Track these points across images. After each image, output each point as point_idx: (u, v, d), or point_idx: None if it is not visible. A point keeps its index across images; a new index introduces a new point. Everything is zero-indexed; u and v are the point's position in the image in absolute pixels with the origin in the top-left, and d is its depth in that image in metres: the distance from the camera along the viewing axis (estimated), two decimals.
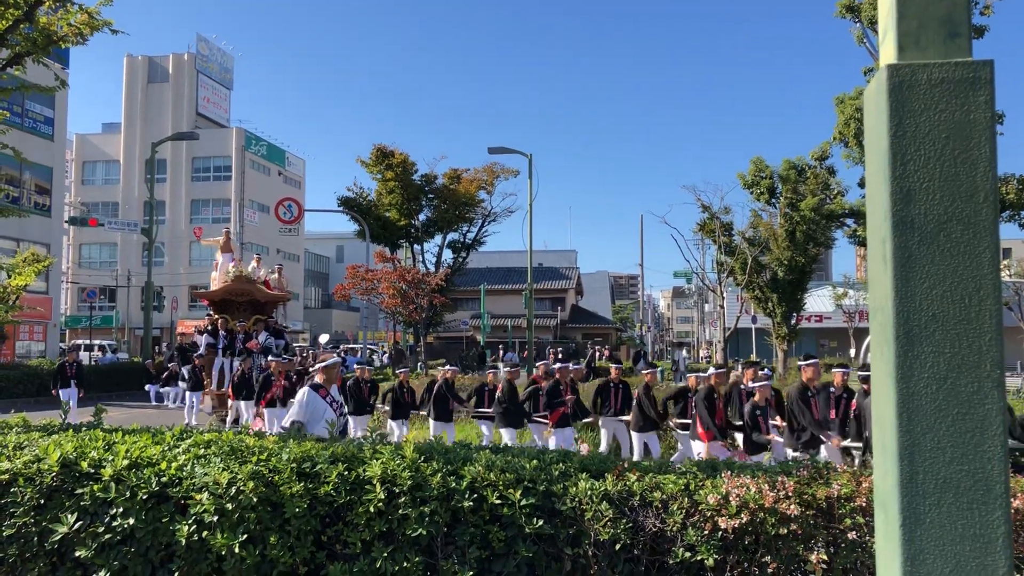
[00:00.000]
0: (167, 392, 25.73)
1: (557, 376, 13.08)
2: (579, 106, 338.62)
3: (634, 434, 12.50)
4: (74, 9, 7.75)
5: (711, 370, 11.37)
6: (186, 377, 21.26)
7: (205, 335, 19.32)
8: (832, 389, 10.23)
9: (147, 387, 27.36)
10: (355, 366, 16.10)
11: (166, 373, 25.84)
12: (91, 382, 26.05)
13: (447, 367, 16.14)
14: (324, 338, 34.55)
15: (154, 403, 26.16)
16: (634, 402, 12.58)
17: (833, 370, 10.84)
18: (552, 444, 11.69)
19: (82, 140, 64.25)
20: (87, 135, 65.29)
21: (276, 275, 21.29)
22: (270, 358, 16.20)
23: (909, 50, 2.51)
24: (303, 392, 7.58)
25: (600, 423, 13.36)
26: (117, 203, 62.33)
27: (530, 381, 14.33)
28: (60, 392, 18.85)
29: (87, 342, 46.48)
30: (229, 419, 17.47)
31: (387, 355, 35.32)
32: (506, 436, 13.02)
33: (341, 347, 42.04)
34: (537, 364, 15.51)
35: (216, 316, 19.61)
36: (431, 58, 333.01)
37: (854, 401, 10.04)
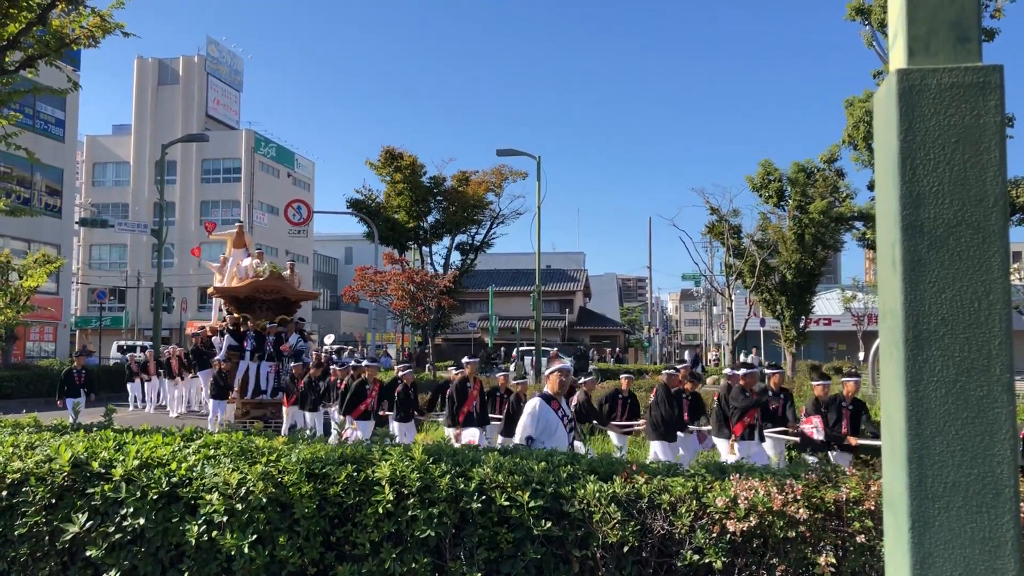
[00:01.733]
0: (147, 390, 22.99)
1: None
2: (587, 108, 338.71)
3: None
4: (86, 12, 7.79)
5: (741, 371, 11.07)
6: (201, 381, 19.41)
7: (227, 337, 17.39)
8: (843, 402, 10.18)
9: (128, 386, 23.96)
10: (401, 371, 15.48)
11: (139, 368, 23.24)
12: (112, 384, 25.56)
13: (454, 370, 15.59)
14: (329, 338, 34.64)
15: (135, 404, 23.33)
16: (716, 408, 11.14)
17: (843, 380, 10.78)
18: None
19: (92, 142, 64.49)
20: (97, 137, 65.54)
21: (288, 272, 19.41)
22: (365, 363, 14.37)
23: (919, 55, 2.52)
24: (535, 403, 6.53)
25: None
26: (127, 204, 62.55)
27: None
28: (67, 402, 16.99)
29: (129, 342, 46.55)
30: (285, 428, 15.78)
31: (408, 355, 34.86)
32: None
33: (344, 348, 42.06)
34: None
35: (238, 315, 17.76)
36: (440, 60, 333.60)
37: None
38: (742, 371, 10.93)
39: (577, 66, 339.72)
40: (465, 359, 13.35)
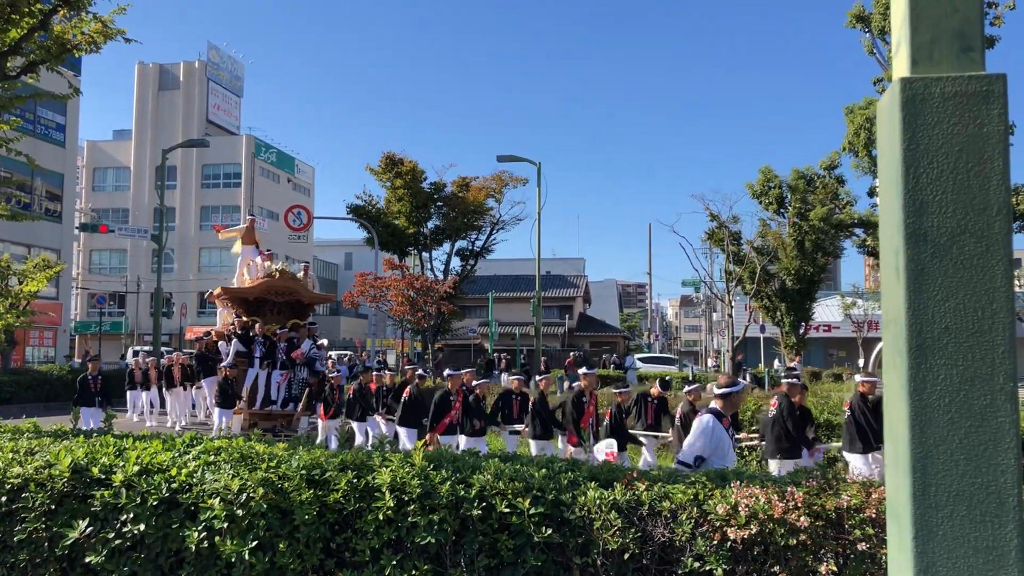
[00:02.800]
0: (145, 399, 20.44)
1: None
2: (588, 115, 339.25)
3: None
4: (88, 18, 7.81)
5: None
6: (205, 390, 17.72)
7: (234, 342, 15.76)
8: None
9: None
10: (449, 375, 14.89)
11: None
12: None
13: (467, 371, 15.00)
14: (323, 343, 34.63)
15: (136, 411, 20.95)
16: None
17: (859, 378, 10.81)
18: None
19: (93, 147, 64.57)
20: (98, 142, 65.63)
21: (302, 275, 17.74)
22: (447, 373, 13.16)
23: (922, 64, 2.52)
24: (707, 420, 6.32)
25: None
26: (127, 209, 62.61)
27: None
28: (83, 412, 15.18)
29: (140, 348, 46.08)
30: (320, 440, 13.84)
31: (431, 360, 34.24)
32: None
33: (344, 354, 42.03)
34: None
35: (247, 319, 16.12)
36: (441, 66, 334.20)
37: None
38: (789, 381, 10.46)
39: (578, 73, 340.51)
40: (447, 371, 13.03)
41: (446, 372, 13.10)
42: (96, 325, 53.59)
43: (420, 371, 15.44)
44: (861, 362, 38.08)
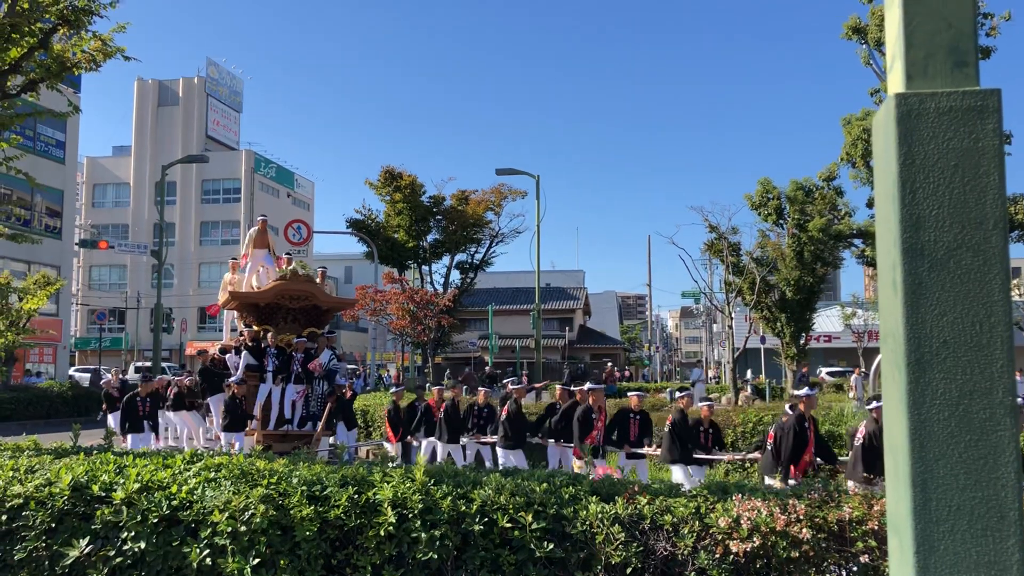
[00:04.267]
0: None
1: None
2: (586, 127, 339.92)
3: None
4: (88, 36, 7.85)
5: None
6: (211, 410, 15.51)
7: (244, 354, 14.01)
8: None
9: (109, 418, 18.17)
10: (481, 389, 14.53)
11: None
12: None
13: (513, 384, 14.29)
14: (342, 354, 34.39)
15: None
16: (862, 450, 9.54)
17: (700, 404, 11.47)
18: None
19: (92, 163, 64.69)
20: (97, 158, 65.74)
21: (319, 279, 15.73)
22: (588, 386, 12.18)
23: (917, 79, 2.54)
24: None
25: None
26: (127, 225, 62.67)
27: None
28: (130, 439, 14.08)
29: (141, 363, 46.02)
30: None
31: (482, 375, 33.48)
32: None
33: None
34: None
35: (258, 328, 14.36)
36: (439, 81, 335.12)
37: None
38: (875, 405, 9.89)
39: (577, 87, 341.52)
40: (589, 384, 12.39)
41: (588, 385, 12.05)
42: (96, 341, 53.57)
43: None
44: (855, 377, 38.00)
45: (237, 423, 13.34)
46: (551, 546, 4.30)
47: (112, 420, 17.09)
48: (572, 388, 13.41)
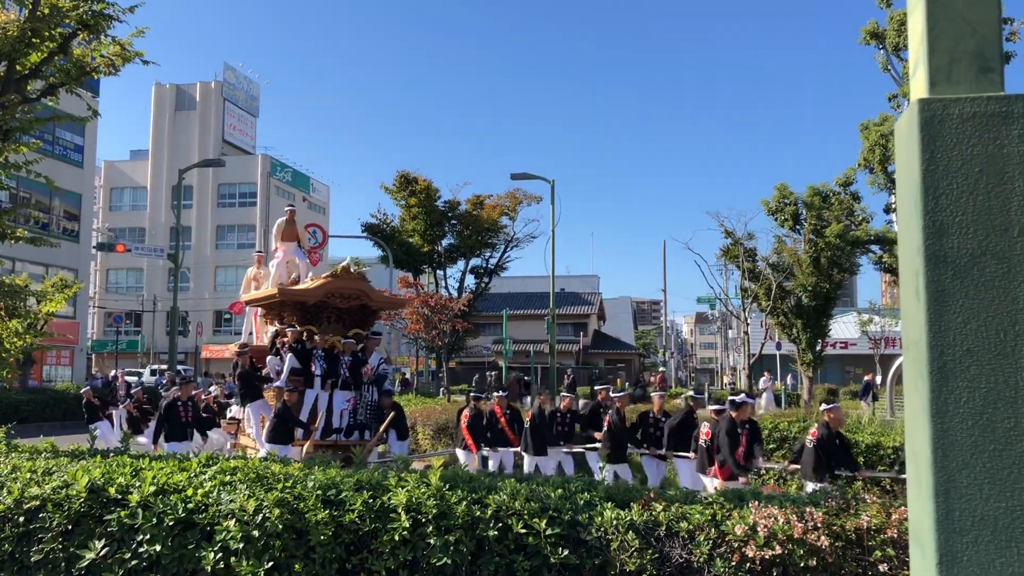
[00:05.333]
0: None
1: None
2: (602, 134, 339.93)
3: None
4: (107, 41, 7.90)
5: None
6: (251, 418, 13.32)
7: (289, 357, 12.58)
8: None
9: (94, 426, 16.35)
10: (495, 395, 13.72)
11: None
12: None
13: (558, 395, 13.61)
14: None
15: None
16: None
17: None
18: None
19: (110, 167, 65.18)
20: (115, 162, 66.25)
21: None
22: (629, 392, 11.55)
23: (940, 84, 2.51)
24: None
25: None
26: (144, 229, 63.09)
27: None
28: (168, 448, 12.60)
29: (156, 366, 46.35)
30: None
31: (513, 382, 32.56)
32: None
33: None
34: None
35: (302, 329, 13.03)
36: (456, 88, 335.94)
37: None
38: None
39: (593, 94, 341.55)
40: (741, 398, 10.79)
41: (741, 398, 10.63)
42: (112, 344, 53.91)
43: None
44: (879, 379, 37.78)
45: (286, 434, 11.88)
46: (566, 552, 4.28)
47: (100, 429, 15.79)
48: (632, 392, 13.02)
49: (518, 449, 12.63)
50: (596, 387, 13.61)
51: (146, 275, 62.40)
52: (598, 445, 11.62)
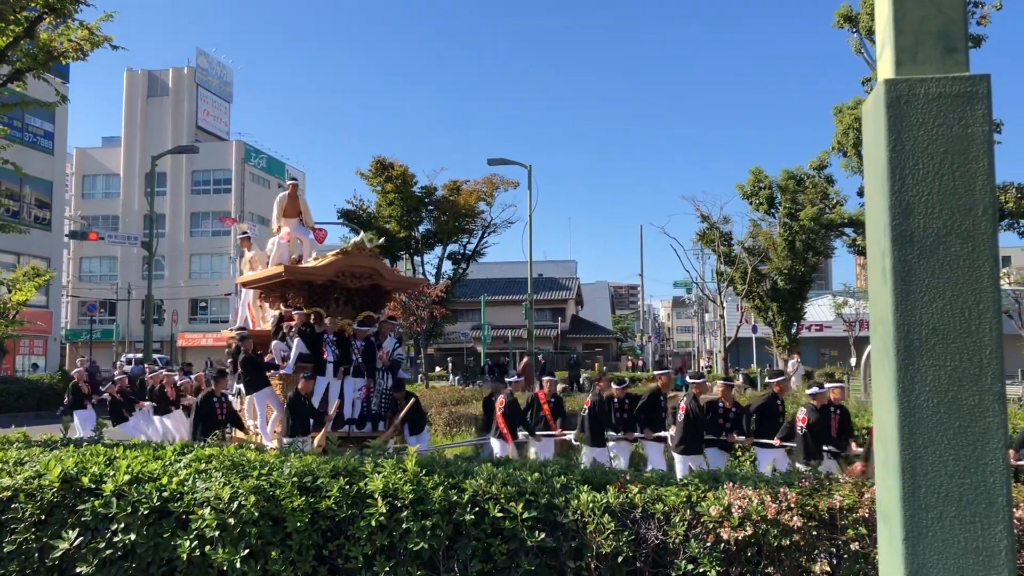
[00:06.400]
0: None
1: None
2: (577, 118, 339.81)
3: None
4: (75, 25, 7.78)
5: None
6: (255, 408, 12.36)
7: (297, 342, 11.52)
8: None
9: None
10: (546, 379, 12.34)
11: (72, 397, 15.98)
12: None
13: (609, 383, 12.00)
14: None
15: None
16: None
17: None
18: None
19: (82, 154, 64.35)
20: (87, 149, 65.40)
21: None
22: (696, 379, 10.64)
23: (907, 65, 2.53)
24: None
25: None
26: (117, 216, 62.40)
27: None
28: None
29: (132, 354, 46.02)
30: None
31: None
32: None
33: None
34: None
35: (309, 311, 11.94)
36: (432, 72, 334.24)
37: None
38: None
39: (568, 78, 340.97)
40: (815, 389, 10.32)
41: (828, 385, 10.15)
42: (87, 333, 53.36)
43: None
44: (853, 361, 38.22)
45: (305, 425, 10.68)
46: (542, 536, 4.30)
47: (78, 418, 15.26)
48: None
49: (567, 437, 11.69)
50: (657, 372, 12.30)
51: (120, 263, 61.76)
52: (667, 435, 10.51)
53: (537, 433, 11.74)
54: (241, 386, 12.09)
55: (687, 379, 11.18)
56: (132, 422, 15.39)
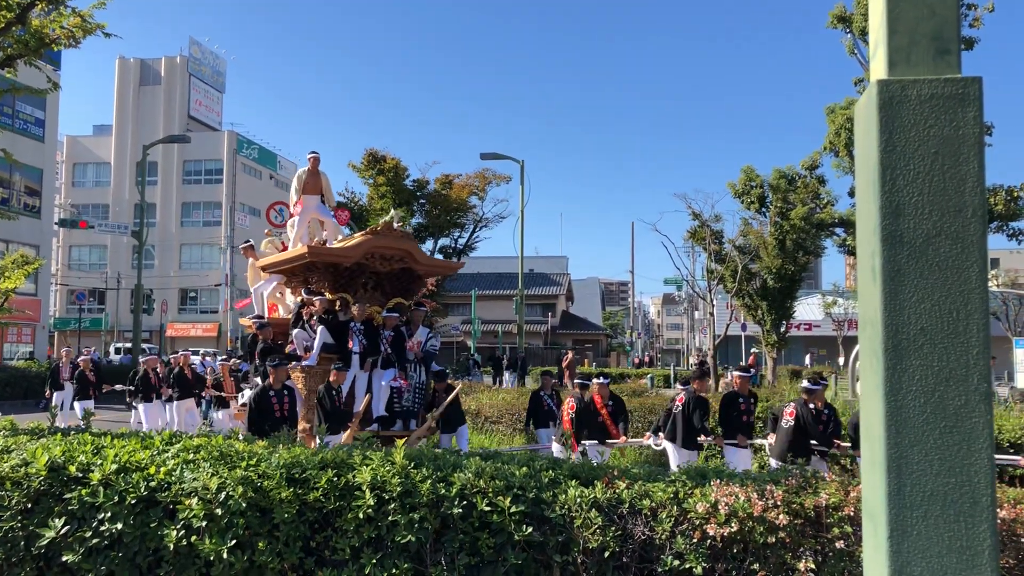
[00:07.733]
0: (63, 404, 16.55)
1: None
2: (572, 115, 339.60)
3: None
4: (67, 12, 7.74)
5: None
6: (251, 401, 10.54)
7: (321, 330, 10.60)
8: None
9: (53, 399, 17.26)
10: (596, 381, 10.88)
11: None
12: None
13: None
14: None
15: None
16: None
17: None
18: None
19: (73, 142, 64.01)
20: (78, 137, 65.04)
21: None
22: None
23: (899, 66, 2.54)
24: None
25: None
26: (107, 205, 62.11)
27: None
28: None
29: (121, 344, 45.87)
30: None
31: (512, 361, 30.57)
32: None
33: None
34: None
35: (334, 296, 11.06)
36: (425, 65, 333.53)
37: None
38: None
39: (562, 74, 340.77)
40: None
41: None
42: (76, 322, 53.14)
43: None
44: (841, 360, 38.38)
45: (336, 421, 9.85)
46: (530, 530, 4.31)
47: (79, 406, 15.14)
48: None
49: (646, 442, 10.81)
50: (736, 373, 10.67)
51: (110, 252, 61.49)
52: (768, 442, 9.78)
53: (608, 442, 10.55)
54: (258, 378, 10.97)
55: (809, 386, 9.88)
56: (155, 409, 15.63)
